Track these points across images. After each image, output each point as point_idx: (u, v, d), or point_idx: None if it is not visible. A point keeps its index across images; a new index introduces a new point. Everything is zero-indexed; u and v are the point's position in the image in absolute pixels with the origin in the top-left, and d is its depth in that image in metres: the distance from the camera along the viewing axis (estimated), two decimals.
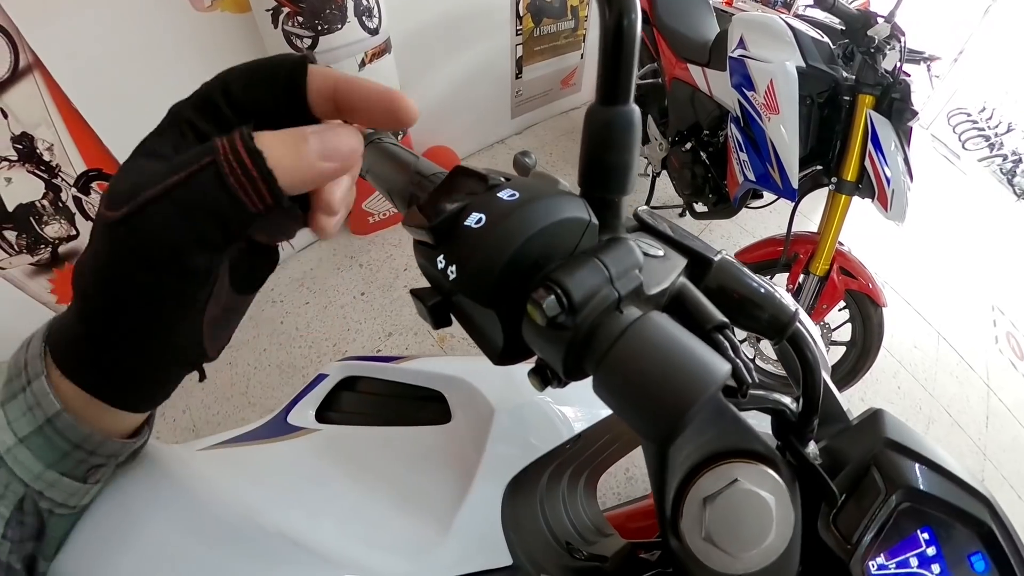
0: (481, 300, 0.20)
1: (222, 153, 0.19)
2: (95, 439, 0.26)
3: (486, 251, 0.20)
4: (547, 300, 0.18)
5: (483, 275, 0.20)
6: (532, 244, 0.20)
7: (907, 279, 2.51)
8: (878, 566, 0.28)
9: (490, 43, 2.31)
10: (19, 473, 0.25)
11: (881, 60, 1.27)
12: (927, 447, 0.30)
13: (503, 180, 0.23)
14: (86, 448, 0.26)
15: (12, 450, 0.25)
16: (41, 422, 0.24)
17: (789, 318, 0.26)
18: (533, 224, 0.20)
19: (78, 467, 0.26)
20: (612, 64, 0.19)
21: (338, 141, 0.21)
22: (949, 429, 1.94)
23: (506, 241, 0.19)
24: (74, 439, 0.25)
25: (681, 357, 0.17)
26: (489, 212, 0.20)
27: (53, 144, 1.35)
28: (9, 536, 0.27)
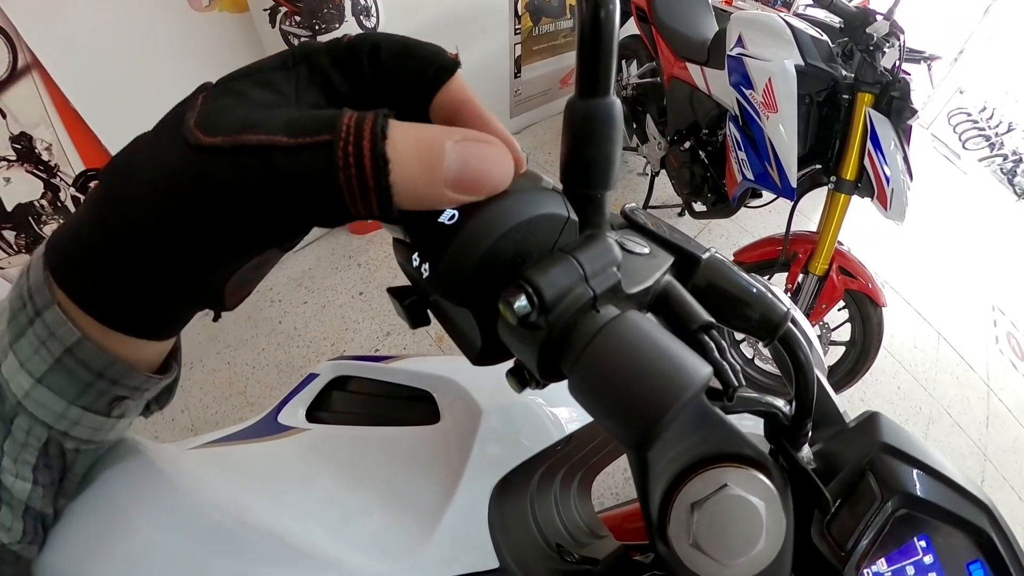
0: (455, 299, 0.19)
1: (343, 139, 0.16)
2: (119, 367, 0.24)
3: (458, 248, 0.19)
4: (517, 299, 0.18)
5: (455, 273, 0.19)
6: (506, 241, 0.19)
7: (907, 279, 2.49)
8: (874, 574, 0.27)
9: (489, 43, 2.30)
10: (41, 416, 0.24)
11: (880, 58, 1.26)
12: (924, 452, 0.29)
13: None
14: (109, 377, 0.24)
15: (30, 393, 0.23)
16: (59, 354, 0.22)
17: (780, 318, 0.25)
18: (507, 220, 0.19)
19: (101, 398, 0.25)
20: (590, 56, 0.19)
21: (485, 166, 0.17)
22: (949, 430, 1.93)
23: (478, 237, 0.18)
24: (97, 367, 0.23)
25: (658, 359, 0.17)
26: (462, 208, 0.19)
27: (52, 144, 1.34)
28: (40, 481, 0.26)
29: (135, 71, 1.38)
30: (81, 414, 0.25)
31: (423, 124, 0.17)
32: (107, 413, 0.26)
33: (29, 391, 0.23)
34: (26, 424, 0.24)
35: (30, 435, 0.25)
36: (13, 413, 0.24)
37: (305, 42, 0.22)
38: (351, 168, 0.16)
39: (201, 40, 1.45)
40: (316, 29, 1.47)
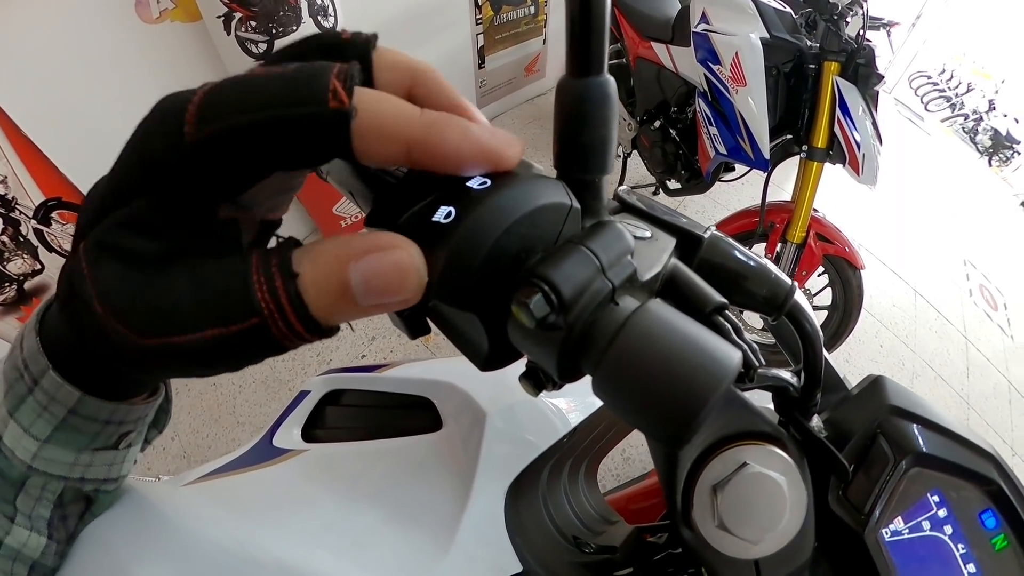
0: (459, 304, 0.18)
1: (268, 315, 0.16)
2: (122, 410, 0.24)
3: (459, 248, 0.17)
4: (533, 299, 0.16)
5: (458, 276, 0.17)
6: (510, 236, 0.18)
7: (881, 240, 2.56)
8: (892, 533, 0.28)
9: (450, 35, 2.27)
10: (53, 471, 0.24)
11: (844, 27, 1.27)
12: (930, 410, 0.30)
13: None
14: (115, 420, 0.24)
15: (39, 454, 0.24)
16: (63, 416, 0.23)
17: (787, 292, 0.25)
18: (510, 214, 0.18)
19: (110, 438, 0.25)
20: (582, 31, 0.18)
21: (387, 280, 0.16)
22: (933, 383, 1.99)
23: (481, 235, 0.17)
24: (103, 417, 0.24)
25: (689, 349, 0.16)
26: (459, 204, 0.18)
27: (7, 176, 1.28)
28: (54, 537, 0.27)
29: (89, 91, 1.33)
30: (92, 456, 0.25)
31: (323, 245, 0.16)
32: (116, 447, 0.26)
33: (37, 452, 0.24)
34: (40, 481, 0.25)
35: (45, 490, 0.26)
36: (23, 477, 0.25)
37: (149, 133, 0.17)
38: (282, 328, 0.16)
39: (154, 52, 1.40)
40: (273, 33, 1.43)
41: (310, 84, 0.15)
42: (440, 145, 0.17)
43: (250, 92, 0.15)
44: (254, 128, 0.15)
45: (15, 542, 0.25)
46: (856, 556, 0.27)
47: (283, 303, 0.16)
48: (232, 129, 0.15)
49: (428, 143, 0.17)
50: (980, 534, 0.28)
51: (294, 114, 0.15)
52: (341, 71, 0.16)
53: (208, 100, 0.15)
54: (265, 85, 0.16)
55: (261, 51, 1.44)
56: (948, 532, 0.28)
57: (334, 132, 0.15)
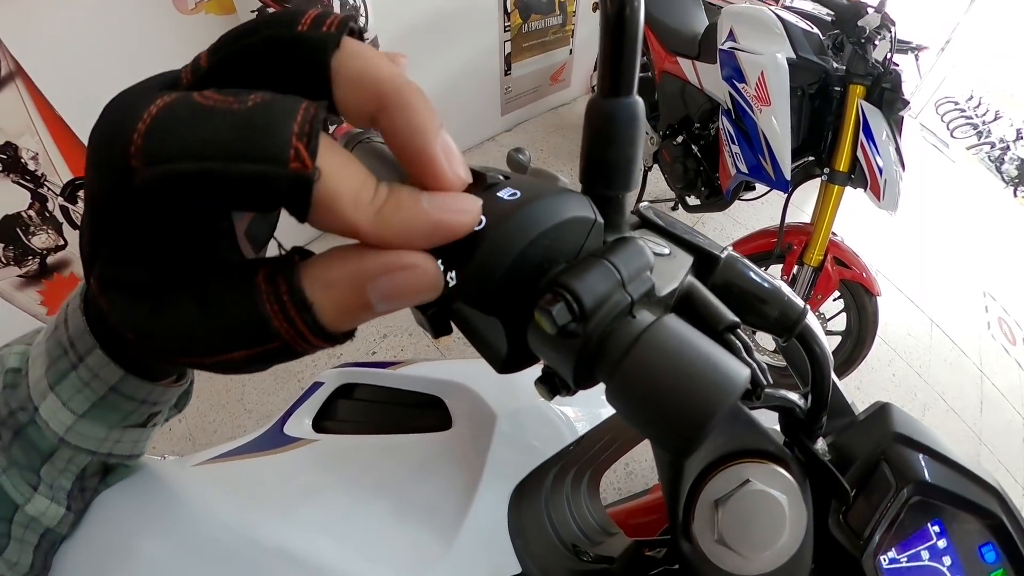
0: (483, 307, 0.19)
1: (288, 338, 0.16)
2: (158, 391, 0.26)
3: (487, 255, 0.18)
4: (556, 307, 0.17)
5: (485, 281, 0.18)
6: (536, 246, 0.19)
7: (899, 267, 2.52)
8: (890, 560, 0.28)
9: (478, 40, 2.29)
10: (84, 445, 0.26)
11: (871, 50, 1.27)
12: (935, 440, 0.30)
13: (502, 178, 0.22)
14: (150, 400, 0.26)
15: (73, 428, 0.25)
16: (103, 392, 0.24)
17: (799, 315, 0.26)
18: (537, 225, 0.18)
19: (140, 416, 0.27)
20: (614, 54, 0.18)
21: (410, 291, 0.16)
22: (944, 415, 1.96)
23: (508, 244, 0.18)
24: (140, 396, 0.25)
25: (700, 364, 0.17)
26: (489, 213, 0.19)
27: (38, 153, 1.32)
28: (72, 508, 0.28)
29: (121, 76, 1.33)
30: (122, 433, 0.27)
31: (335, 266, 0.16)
32: (144, 426, 0.28)
33: (72, 426, 0.25)
34: (68, 454, 0.26)
35: (71, 462, 0.27)
36: (53, 448, 0.26)
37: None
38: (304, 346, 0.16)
39: (187, 43, 1.43)
40: None
41: (268, 134, 0.13)
42: (390, 236, 0.16)
43: (200, 130, 0.13)
44: (202, 177, 0.13)
45: (34, 510, 0.27)
46: None
47: (301, 330, 0.16)
48: (179, 176, 0.13)
49: (380, 233, 0.16)
50: (979, 567, 0.28)
51: (246, 172, 0.13)
52: (306, 118, 0.14)
53: (154, 132, 0.13)
54: (217, 124, 0.13)
55: None
56: (947, 563, 0.28)
57: (291, 195, 0.14)
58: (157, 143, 0.13)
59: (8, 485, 0.26)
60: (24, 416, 0.25)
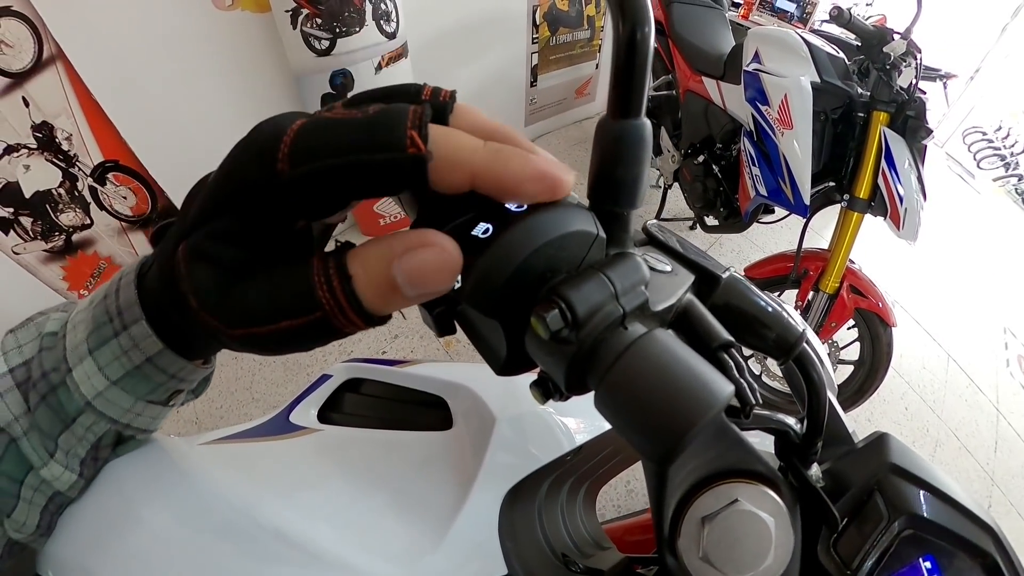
0: (485, 310, 0.20)
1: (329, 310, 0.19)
2: (188, 368, 0.27)
3: (492, 262, 0.19)
4: (551, 314, 0.18)
5: (488, 285, 0.20)
6: (538, 256, 0.19)
7: (918, 298, 2.48)
8: None
9: (506, 50, 2.32)
10: (109, 412, 0.27)
11: (896, 77, 1.26)
12: (932, 474, 0.30)
13: None
14: (179, 377, 0.27)
15: (103, 393, 0.26)
16: (139, 362, 0.25)
17: (796, 338, 0.26)
18: (540, 236, 0.19)
19: (165, 392, 0.28)
20: (624, 77, 0.19)
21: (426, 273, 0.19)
22: (957, 453, 1.91)
23: (512, 252, 0.19)
24: (171, 370, 0.27)
25: (684, 377, 0.17)
26: (497, 222, 0.20)
27: (72, 134, 1.37)
28: (84, 475, 0.29)
29: (156, 66, 1.41)
30: (145, 407, 0.28)
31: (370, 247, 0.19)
32: (166, 403, 0.29)
33: (102, 391, 0.26)
34: (89, 420, 0.27)
35: (90, 430, 0.28)
36: (78, 412, 0.27)
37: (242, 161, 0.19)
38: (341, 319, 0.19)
39: (222, 38, 1.48)
40: (337, 32, 1.49)
41: (390, 131, 0.18)
42: (503, 172, 0.19)
43: (337, 135, 0.18)
44: (341, 170, 0.18)
45: (49, 475, 0.28)
46: None
47: (341, 300, 0.19)
48: (321, 170, 0.18)
49: (492, 171, 0.19)
50: None
51: (377, 160, 0.17)
52: (415, 117, 0.18)
53: (299, 141, 0.18)
54: (350, 130, 0.18)
55: (324, 47, 1.50)
56: None
57: (412, 174, 0.18)
58: (302, 148, 0.18)
59: (28, 448, 0.27)
60: (56, 377, 0.26)
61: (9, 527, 0.28)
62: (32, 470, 0.27)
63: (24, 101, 1.27)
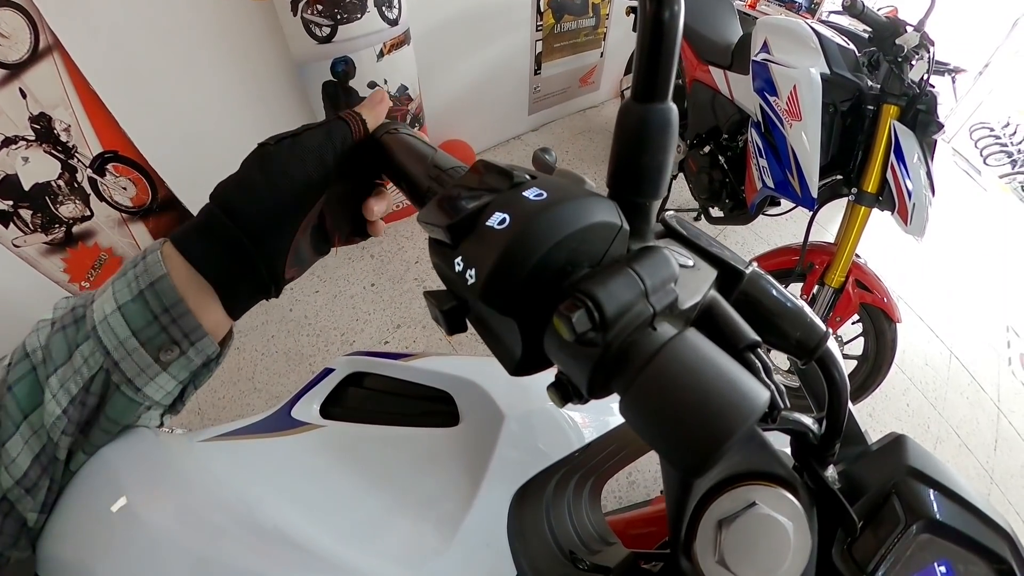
0: (501, 308, 0.19)
1: (347, 115, 0.34)
2: (181, 307, 0.29)
3: (509, 256, 0.18)
4: (576, 314, 0.17)
5: (505, 282, 0.18)
6: (560, 249, 0.18)
7: (921, 295, 2.47)
8: None
9: (510, 38, 2.29)
10: (106, 341, 0.28)
11: (908, 70, 1.24)
12: (950, 477, 0.29)
13: (528, 178, 0.22)
14: (172, 313, 0.29)
15: (108, 318, 0.28)
16: (144, 286, 0.29)
17: (820, 338, 0.25)
18: (562, 228, 0.18)
19: (157, 336, 0.29)
20: (651, 58, 0.18)
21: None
22: (957, 451, 1.91)
23: (532, 245, 0.18)
24: (167, 301, 0.29)
25: (720, 382, 0.16)
26: (513, 212, 0.19)
27: (70, 125, 1.35)
28: (68, 413, 0.29)
29: (155, 55, 1.39)
30: (136, 347, 0.29)
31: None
32: (155, 358, 0.30)
33: (107, 316, 0.28)
34: (88, 350, 0.29)
35: (86, 363, 0.29)
36: (84, 338, 0.29)
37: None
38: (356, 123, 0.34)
39: (222, 26, 1.46)
40: (338, 19, 1.47)
41: None
42: None
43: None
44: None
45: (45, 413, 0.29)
46: None
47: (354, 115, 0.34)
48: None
49: None
50: None
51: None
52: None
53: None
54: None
55: (325, 34, 1.48)
56: None
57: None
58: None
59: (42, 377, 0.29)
60: (81, 310, 0.30)
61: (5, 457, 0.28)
62: (38, 408, 0.29)
63: (21, 92, 1.25)
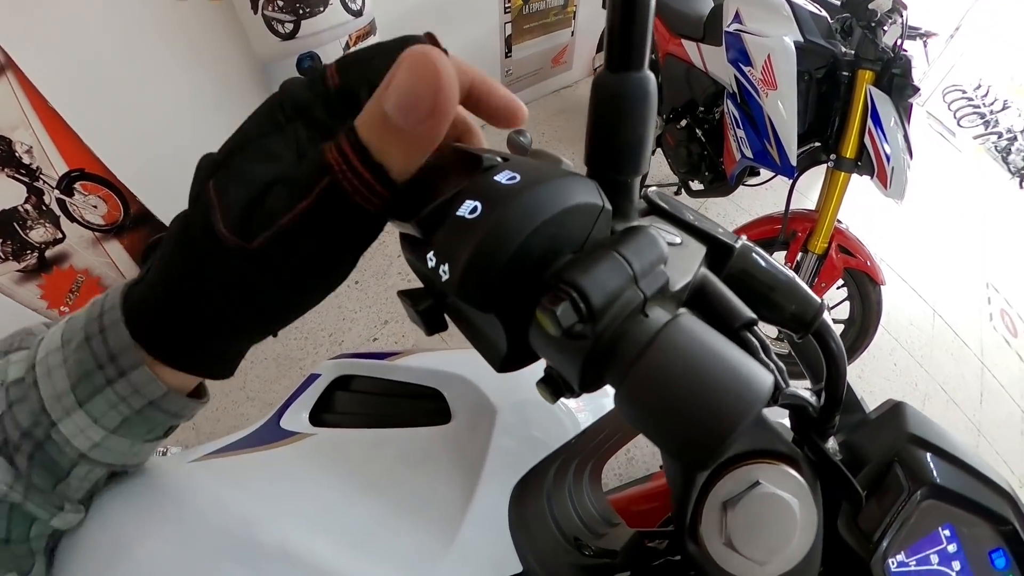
0: (480, 304, 0.17)
1: (337, 169, 0.19)
2: (191, 405, 0.27)
3: (484, 247, 0.16)
4: (561, 307, 0.15)
5: (481, 276, 0.17)
6: (538, 236, 0.17)
7: (903, 257, 2.51)
8: (898, 563, 0.27)
9: (478, 22, 2.26)
10: (107, 459, 0.26)
11: (881, 35, 1.24)
12: (950, 441, 0.29)
13: (500, 160, 0.20)
14: (180, 415, 0.27)
15: (100, 444, 0.25)
16: (140, 407, 0.24)
17: (816, 311, 0.24)
18: (539, 213, 0.17)
19: (163, 430, 0.27)
20: (624, 24, 0.17)
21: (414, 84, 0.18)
22: (945, 406, 1.96)
23: (508, 234, 0.16)
24: (174, 410, 0.26)
25: (721, 370, 0.15)
26: (486, 199, 0.17)
27: (32, 146, 1.30)
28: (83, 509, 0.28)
29: (114, 66, 1.34)
30: (143, 447, 0.27)
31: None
32: (164, 436, 0.28)
33: (99, 443, 0.24)
34: (85, 470, 0.26)
35: (86, 479, 0.27)
36: (72, 464, 0.25)
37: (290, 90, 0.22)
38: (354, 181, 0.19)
39: (180, 30, 1.41)
40: (300, 13, 1.43)
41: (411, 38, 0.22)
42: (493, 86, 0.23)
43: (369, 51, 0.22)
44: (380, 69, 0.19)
45: (60, 523, 0.27)
46: None
47: (347, 151, 0.19)
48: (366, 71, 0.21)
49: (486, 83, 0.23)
50: (989, 573, 0.27)
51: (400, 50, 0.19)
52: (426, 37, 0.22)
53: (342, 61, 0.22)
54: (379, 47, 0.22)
55: (288, 31, 1.44)
56: (956, 568, 0.28)
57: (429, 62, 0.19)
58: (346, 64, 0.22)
59: (34, 509, 0.25)
60: (40, 432, 0.24)
61: None
62: (35, 522, 0.26)
63: None
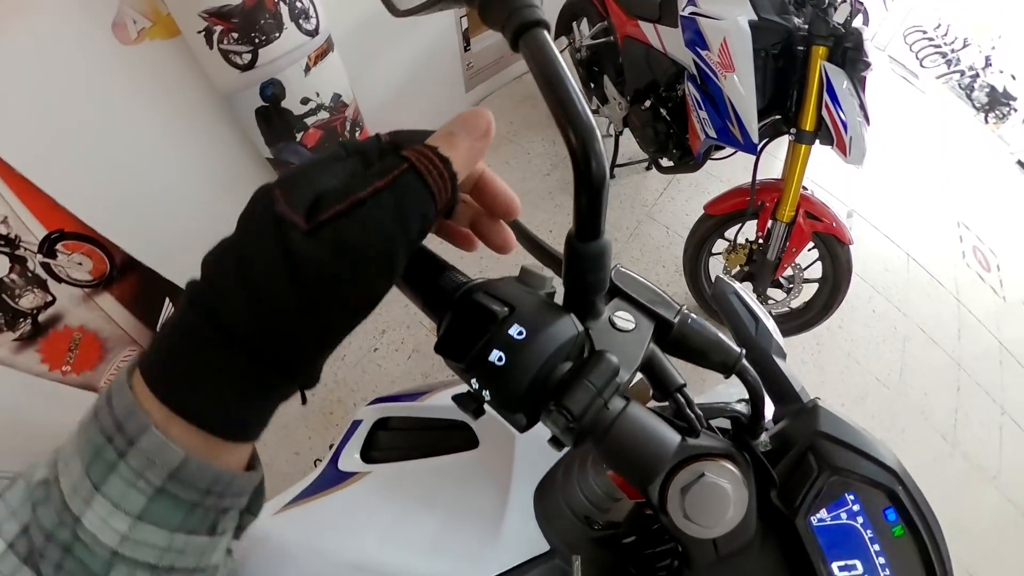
0: (512, 411, 0.30)
1: (417, 159, 0.24)
2: (225, 477, 0.24)
3: (511, 385, 0.29)
4: (558, 420, 0.28)
5: (510, 399, 0.29)
6: (544, 367, 0.29)
7: (874, 205, 2.64)
8: (818, 519, 0.40)
9: (434, 20, 2.28)
10: (142, 557, 0.22)
11: (832, 14, 1.33)
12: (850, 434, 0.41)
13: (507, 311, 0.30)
14: (216, 491, 0.24)
15: (129, 535, 0.22)
16: (162, 481, 0.22)
17: (735, 359, 0.37)
18: (542, 355, 0.29)
19: (206, 518, 0.24)
20: (587, 204, 0.26)
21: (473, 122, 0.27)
22: (924, 346, 2.12)
23: (525, 372, 0.29)
24: (204, 484, 0.23)
25: (648, 437, 0.29)
26: (506, 350, 0.29)
27: (6, 215, 1.31)
28: None
29: (77, 121, 1.37)
30: (186, 541, 0.23)
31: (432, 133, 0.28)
32: (212, 532, 0.25)
33: (127, 534, 0.22)
34: (123, 573, 0.22)
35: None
36: (107, 567, 0.22)
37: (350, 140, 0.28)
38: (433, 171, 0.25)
39: (137, 74, 1.43)
40: (256, 42, 1.47)
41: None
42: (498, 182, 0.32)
43: None
44: None
45: None
46: (793, 536, 0.39)
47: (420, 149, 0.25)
48: None
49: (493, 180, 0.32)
50: (883, 524, 0.39)
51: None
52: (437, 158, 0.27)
53: None
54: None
55: (246, 62, 1.47)
56: (860, 521, 0.40)
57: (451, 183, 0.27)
58: None
59: None
60: (64, 535, 0.21)
61: None
62: None
63: None
